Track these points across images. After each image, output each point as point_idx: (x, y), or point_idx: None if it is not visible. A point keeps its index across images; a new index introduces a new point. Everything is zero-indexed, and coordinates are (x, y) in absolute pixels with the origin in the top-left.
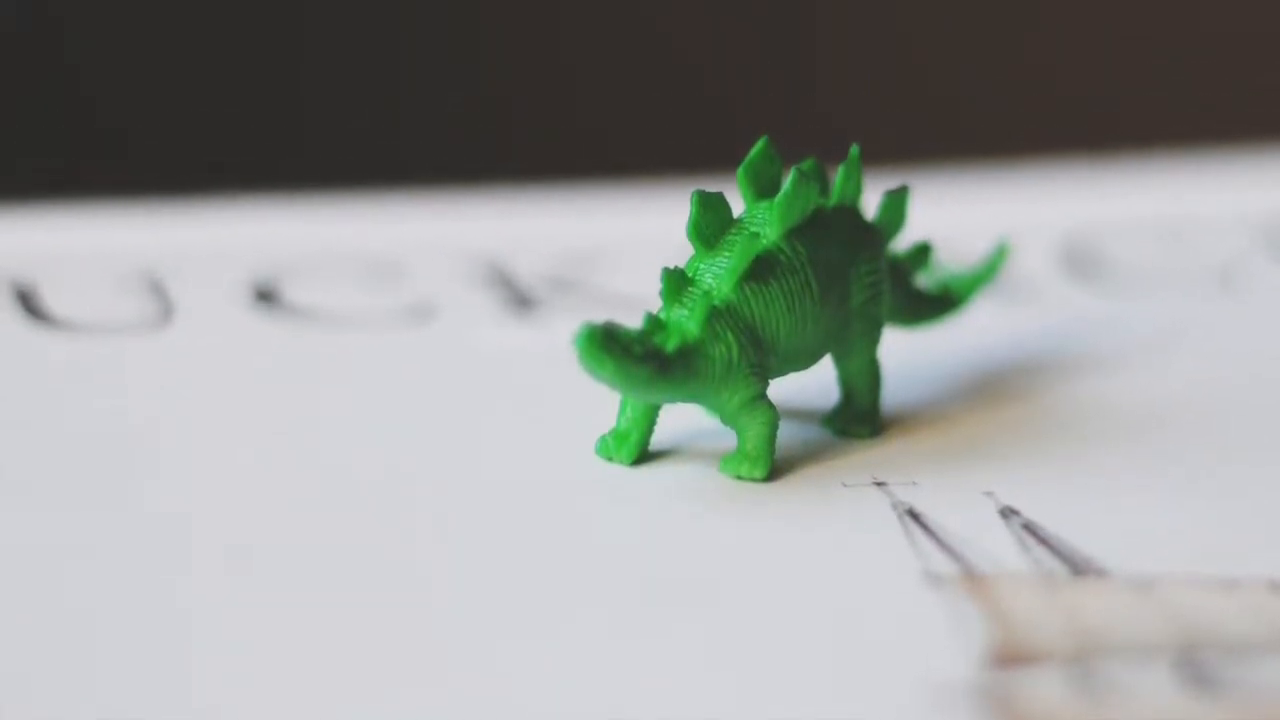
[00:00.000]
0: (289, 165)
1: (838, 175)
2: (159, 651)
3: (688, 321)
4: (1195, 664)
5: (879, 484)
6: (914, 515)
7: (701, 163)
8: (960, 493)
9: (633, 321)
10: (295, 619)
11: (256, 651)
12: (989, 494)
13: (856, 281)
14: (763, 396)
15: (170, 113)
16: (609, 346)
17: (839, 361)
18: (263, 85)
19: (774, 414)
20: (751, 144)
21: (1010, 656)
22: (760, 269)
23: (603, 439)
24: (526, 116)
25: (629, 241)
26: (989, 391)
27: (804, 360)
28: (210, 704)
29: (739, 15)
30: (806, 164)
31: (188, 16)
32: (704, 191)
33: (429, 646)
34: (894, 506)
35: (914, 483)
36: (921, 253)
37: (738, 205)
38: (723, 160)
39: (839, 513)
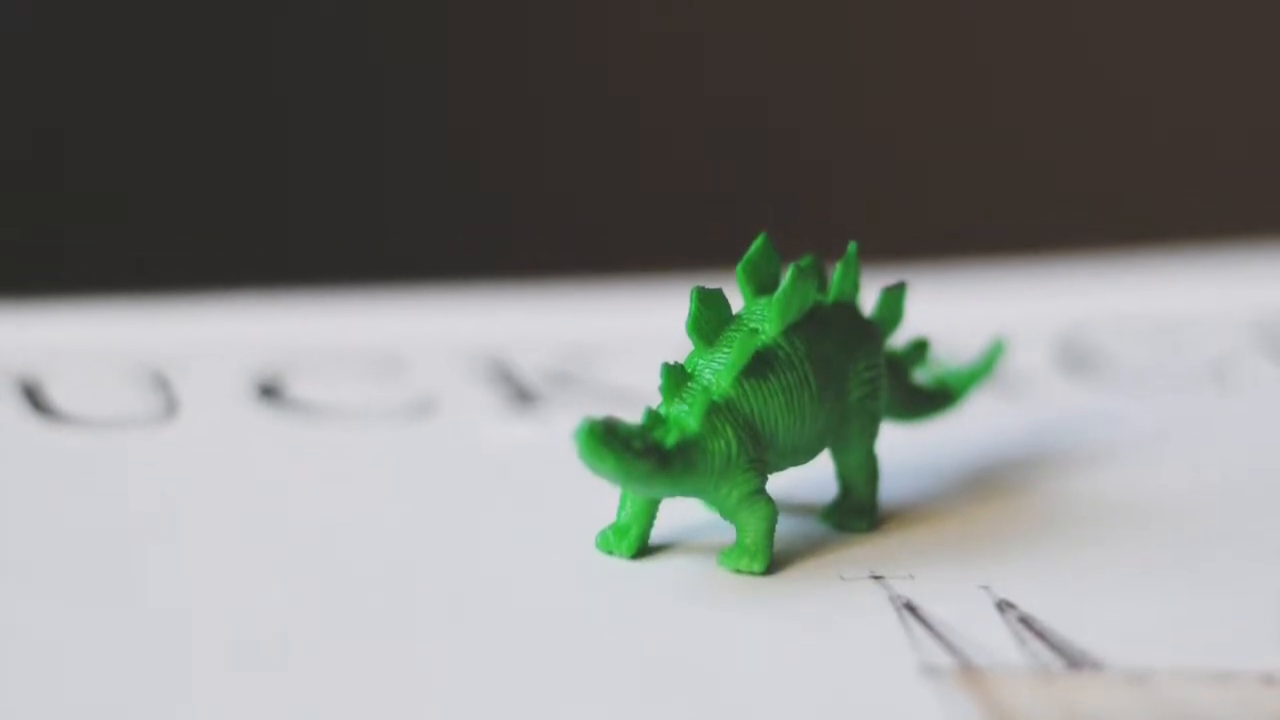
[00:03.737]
0: (292, 261)
1: (835, 272)
2: None
3: (687, 416)
4: None
5: (876, 577)
6: (911, 608)
7: (701, 259)
8: (957, 586)
9: (633, 416)
10: (296, 716)
11: None
12: (985, 587)
13: (854, 377)
14: (762, 491)
15: (174, 209)
16: (609, 441)
17: (837, 456)
18: (265, 181)
19: (773, 508)
20: (750, 241)
21: None
22: (759, 365)
23: (603, 533)
24: (527, 212)
25: (629, 337)
26: (985, 486)
27: (802, 455)
28: None
29: (737, 112)
30: (805, 261)
31: (191, 112)
32: (703, 288)
33: None
34: (891, 600)
35: (911, 576)
36: (919, 349)
37: (737, 301)
38: (722, 257)
39: (837, 606)
